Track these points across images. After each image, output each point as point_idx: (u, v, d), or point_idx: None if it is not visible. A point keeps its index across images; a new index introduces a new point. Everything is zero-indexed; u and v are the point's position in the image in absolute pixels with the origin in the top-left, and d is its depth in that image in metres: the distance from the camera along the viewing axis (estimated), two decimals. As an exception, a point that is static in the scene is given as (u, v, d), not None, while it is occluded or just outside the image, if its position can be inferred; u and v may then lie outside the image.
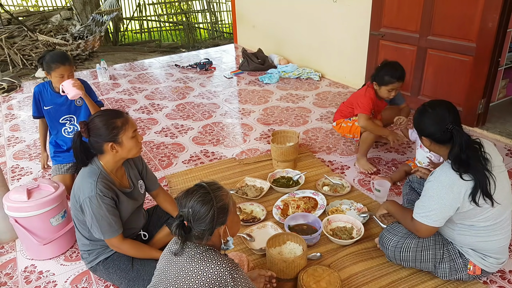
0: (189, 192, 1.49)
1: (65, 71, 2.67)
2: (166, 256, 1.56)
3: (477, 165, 1.78)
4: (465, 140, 1.79)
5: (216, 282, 1.42)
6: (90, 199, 1.82)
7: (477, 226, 1.88)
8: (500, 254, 1.96)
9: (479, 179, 1.76)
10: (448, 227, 1.97)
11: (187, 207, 1.46)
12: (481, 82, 3.45)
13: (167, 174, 3.17)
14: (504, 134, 3.53)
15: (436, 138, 1.89)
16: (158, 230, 2.23)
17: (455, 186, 1.79)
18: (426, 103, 1.97)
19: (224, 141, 3.69)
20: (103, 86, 5.38)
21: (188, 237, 1.48)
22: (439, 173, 1.85)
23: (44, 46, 6.98)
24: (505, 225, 1.91)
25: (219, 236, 1.53)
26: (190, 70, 5.88)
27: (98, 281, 2.20)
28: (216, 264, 1.43)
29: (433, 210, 1.84)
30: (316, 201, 2.69)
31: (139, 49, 8.42)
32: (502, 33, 3.30)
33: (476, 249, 1.95)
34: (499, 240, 1.91)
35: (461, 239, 1.96)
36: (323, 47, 5.12)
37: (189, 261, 1.46)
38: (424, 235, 1.95)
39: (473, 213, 1.83)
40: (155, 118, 4.28)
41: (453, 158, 1.80)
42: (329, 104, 4.39)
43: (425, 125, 1.92)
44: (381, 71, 2.89)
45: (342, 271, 2.13)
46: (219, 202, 1.48)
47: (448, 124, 1.83)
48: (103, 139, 1.85)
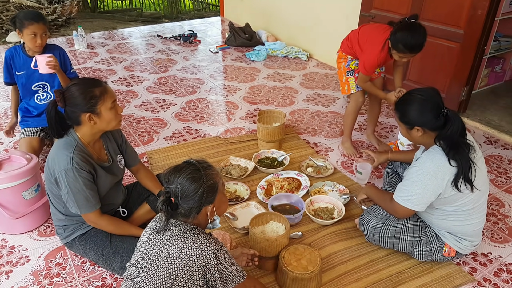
0: (178, 168, 1.45)
1: (38, 29, 2.55)
2: (147, 233, 1.52)
3: (464, 151, 1.80)
4: (461, 124, 1.79)
5: (199, 261, 1.40)
6: (66, 171, 1.75)
7: (456, 211, 1.92)
8: (475, 237, 2.03)
9: (463, 166, 1.79)
10: (427, 212, 2.01)
11: (175, 183, 1.42)
12: (466, 70, 3.47)
13: (147, 150, 3.09)
14: (483, 122, 3.59)
15: (431, 126, 1.84)
16: (138, 207, 2.19)
17: (440, 172, 1.81)
18: (413, 92, 1.91)
19: (209, 119, 3.61)
20: (80, 54, 5.16)
21: (174, 214, 1.45)
22: (425, 159, 1.86)
23: (16, 9, 6.61)
24: (481, 209, 1.97)
25: (205, 215, 1.51)
26: (173, 42, 5.70)
27: (74, 257, 2.14)
28: (200, 243, 1.41)
29: (415, 195, 1.87)
30: (299, 182, 2.69)
31: (119, 17, 8.11)
32: (490, 21, 3.30)
33: (453, 232, 2.00)
34: (475, 223, 1.97)
35: (439, 223, 2.01)
36: (313, 26, 5.04)
37: (172, 239, 1.42)
38: (401, 216, 2.00)
39: (454, 198, 1.87)
40: (135, 91, 4.15)
41: (445, 141, 1.80)
42: (316, 85, 4.35)
43: (419, 114, 1.84)
44: (398, 32, 2.47)
45: (322, 249, 2.16)
46: (209, 180, 1.45)
47: (443, 109, 1.81)
48: (80, 109, 1.76)
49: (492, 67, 4.27)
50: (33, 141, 2.71)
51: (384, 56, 2.63)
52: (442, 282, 2.00)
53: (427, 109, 1.83)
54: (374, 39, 2.66)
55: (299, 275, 1.84)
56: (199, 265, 1.40)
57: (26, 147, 2.67)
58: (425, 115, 1.83)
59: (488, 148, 3.24)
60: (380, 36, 2.62)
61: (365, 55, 2.69)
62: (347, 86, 2.94)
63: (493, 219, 2.46)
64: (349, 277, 2.02)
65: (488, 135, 3.43)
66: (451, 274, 2.05)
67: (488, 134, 3.45)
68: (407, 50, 2.46)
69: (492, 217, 2.47)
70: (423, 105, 1.84)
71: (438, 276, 2.04)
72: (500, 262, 2.16)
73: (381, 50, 2.60)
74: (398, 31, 2.46)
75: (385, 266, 2.09)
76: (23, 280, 2.01)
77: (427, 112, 1.83)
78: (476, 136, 3.41)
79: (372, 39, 2.68)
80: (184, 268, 1.40)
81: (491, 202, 2.60)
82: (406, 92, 1.96)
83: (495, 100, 4.03)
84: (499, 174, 2.90)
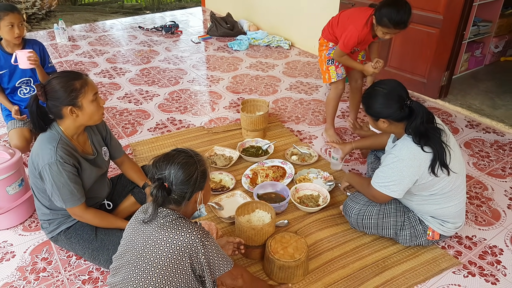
0: (170, 155, 1.47)
1: (14, 19, 2.52)
2: (132, 225, 1.52)
3: (435, 136, 1.84)
4: (425, 112, 1.83)
5: (186, 249, 1.40)
6: (50, 165, 1.73)
7: (435, 196, 1.95)
8: (457, 219, 2.06)
9: (438, 150, 1.82)
10: (407, 199, 2.05)
11: (168, 170, 1.43)
12: (446, 55, 3.52)
13: (131, 142, 3.07)
14: (464, 106, 3.65)
15: (396, 117, 1.87)
16: (123, 199, 2.18)
17: (416, 159, 1.84)
18: (375, 85, 1.94)
19: (192, 109, 3.59)
20: (61, 47, 5.06)
21: (167, 200, 1.45)
22: (400, 148, 1.89)
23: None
24: (460, 190, 1.99)
25: (194, 203, 1.53)
26: (155, 33, 5.63)
27: (60, 251, 2.13)
28: (187, 231, 1.41)
29: (392, 181, 1.90)
30: (284, 170, 2.70)
31: (100, 9, 7.95)
32: (468, 6, 3.34)
33: (435, 216, 2.04)
34: (456, 205, 2.00)
35: (420, 208, 2.04)
36: (293, 14, 5.02)
37: (158, 229, 1.42)
38: (380, 201, 2.03)
39: (431, 183, 1.90)
40: (118, 82, 4.10)
41: (413, 132, 1.83)
42: (298, 73, 4.35)
43: (383, 106, 1.87)
44: (383, 7, 2.46)
45: (308, 237, 2.18)
46: (201, 166, 1.48)
47: (406, 100, 1.85)
48: (61, 102, 1.74)
49: (472, 51, 4.33)
50: (25, 131, 2.67)
51: (366, 32, 2.62)
52: (428, 266, 2.04)
53: (391, 101, 1.86)
54: (356, 17, 2.66)
55: (286, 263, 1.86)
56: (186, 254, 1.41)
57: (18, 138, 2.62)
58: (389, 107, 1.86)
59: (470, 132, 3.30)
60: (362, 13, 2.64)
61: (347, 31, 2.67)
62: (328, 75, 2.93)
63: (477, 202, 2.50)
64: (335, 263, 2.05)
65: (470, 119, 3.49)
66: (437, 258, 2.09)
67: (470, 118, 3.51)
68: (392, 25, 2.45)
69: (475, 200, 2.52)
70: (387, 98, 1.87)
71: (424, 261, 2.07)
72: (484, 244, 2.20)
73: (364, 25, 2.59)
74: (383, 6, 2.47)
75: (371, 252, 2.12)
76: (9, 276, 1.99)
77: (391, 104, 1.86)
78: (458, 120, 3.47)
79: (355, 17, 2.67)
80: (171, 257, 1.40)
81: (474, 186, 2.66)
82: (370, 86, 1.98)
83: (475, 84, 4.09)
84: (481, 157, 2.96)
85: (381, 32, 2.55)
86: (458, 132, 3.29)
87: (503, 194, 2.58)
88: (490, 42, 4.41)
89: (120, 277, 1.49)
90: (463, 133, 3.27)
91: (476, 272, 2.04)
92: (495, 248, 2.18)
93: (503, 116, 3.49)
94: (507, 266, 2.07)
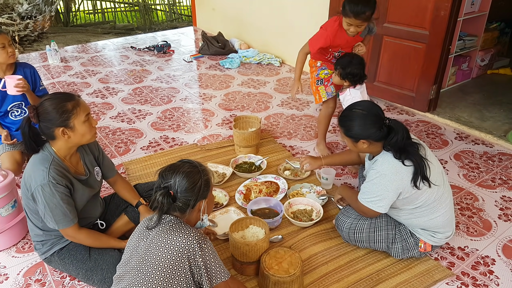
0: (175, 166, 1.57)
1: (4, 39, 2.55)
2: (137, 232, 1.59)
3: (414, 150, 1.88)
4: (404, 129, 1.88)
5: (184, 251, 1.46)
6: (42, 187, 1.73)
7: (420, 208, 1.98)
8: (447, 228, 2.08)
9: (418, 163, 1.85)
10: (394, 214, 2.08)
11: (174, 178, 1.52)
12: (433, 69, 3.59)
13: (124, 161, 3.07)
14: (453, 119, 3.72)
15: (376, 137, 1.91)
16: (116, 218, 2.17)
17: (398, 173, 1.87)
18: (353, 107, 1.97)
19: (185, 127, 3.62)
20: (54, 69, 5.09)
21: (172, 207, 1.53)
22: (381, 163, 1.92)
23: (-14, 27, 6.47)
24: (443, 199, 2.00)
25: (198, 212, 1.61)
26: (147, 53, 5.69)
27: (54, 272, 2.11)
28: (185, 234, 1.48)
29: (377, 197, 1.93)
30: (277, 185, 2.72)
31: (92, 30, 8.02)
32: (453, 21, 3.43)
33: (425, 228, 2.06)
34: (443, 214, 2.02)
35: (408, 222, 2.07)
36: (284, 32, 5.11)
37: (160, 233, 1.50)
38: (369, 216, 2.06)
39: (414, 196, 1.93)
40: (110, 102, 4.12)
41: (393, 148, 1.88)
42: (289, 90, 4.40)
43: (362, 128, 1.91)
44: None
45: (302, 252, 2.19)
46: (205, 175, 1.58)
47: (385, 120, 1.90)
48: (53, 124, 1.75)
49: (459, 65, 4.43)
50: (15, 155, 2.67)
51: (335, 30, 2.65)
52: (422, 278, 2.05)
53: (370, 122, 1.90)
54: (328, 22, 2.79)
55: (281, 278, 1.86)
56: (185, 256, 1.46)
57: (9, 161, 2.62)
58: (368, 128, 1.90)
59: (459, 144, 3.35)
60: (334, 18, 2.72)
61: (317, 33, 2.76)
62: (318, 95, 2.96)
63: (468, 213, 2.53)
64: (330, 277, 2.05)
65: (459, 132, 3.55)
66: (430, 270, 2.10)
67: (459, 131, 3.56)
68: (352, 14, 2.49)
69: (466, 211, 2.55)
70: (365, 119, 1.91)
71: (417, 272, 2.08)
72: (476, 255, 2.22)
73: (333, 24, 2.67)
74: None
75: (365, 265, 2.12)
76: (1, 300, 1.97)
77: (370, 126, 1.90)
78: (447, 132, 3.53)
79: (326, 23, 2.79)
80: (171, 260, 1.45)
81: (465, 197, 2.69)
82: (346, 108, 2.01)
83: (463, 97, 4.17)
84: (471, 168, 3.00)
85: (346, 24, 2.58)
86: (448, 144, 3.34)
87: (493, 205, 2.61)
88: (476, 55, 4.52)
89: (124, 283, 1.52)
90: (453, 145, 3.32)
91: (469, 283, 2.05)
92: (487, 258, 2.20)
93: (491, 127, 3.56)
94: (499, 276, 2.09)
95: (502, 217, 2.50)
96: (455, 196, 2.69)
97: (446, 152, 3.22)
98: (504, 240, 2.32)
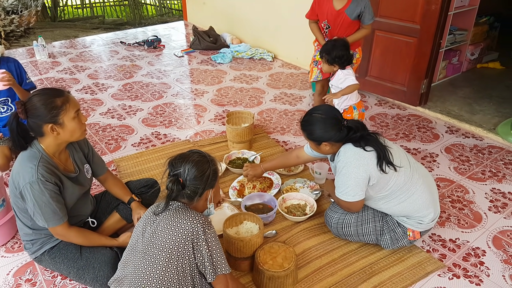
0: (185, 155, 1.62)
1: None
2: (144, 217, 1.63)
3: (372, 138, 1.95)
4: (362, 126, 1.96)
5: (189, 234, 1.50)
6: (31, 184, 1.70)
7: (394, 192, 2.00)
8: (430, 209, 2.07)
9: (380, 148, 1.92)
10: (374, 205, 2.10)
11: (183, 167, 1.57)
12: (424, 63, 3.61)
13: (115, 158, 3.04)
14: (444, 112, 3.74)
15: (336, 138, 1.98)
16: (107, 216, 2.15)
17: (362, 159, 1.92)
18: (313, 112, 2.04)
19: (177, 123, 3.59)
20: (41, 64, 5.01)
21: (180, 194, 1.58)
22: (344, 153, 1.97)
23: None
24: (414, 181, 2.02)
25: (205, 200, 1.66)
26: (137, 48, 5.63)
27: (44, 272, 2.08)
28: (189, 218, 1.53)
29: (349, 187, 1.96)
30: (271, 181, 2.71)
31: (81, 25, 7.91)
32: (444, 15, 3.45)
33: (409, 215, 2.07)
34: (420, 196, 2.02)
35: (390, 211, 2.09)
36: (276, 27, 5.09)
37: (166, 218, 1.54)
38: (354, 210, 2.09)
39: (384, 181, 1.96)
40: (100, 98, 4.07)
41: (352, 141, 1.96)
42: (282, 85, 4.40)
43: (323, 131, 1.98)
44: None
45: (297, 246, 2.19)
46: (213, 165, 1.64)
47: (343, 121, 1.97)
48: (42, 120, 1.72)
49: (449, 59, 4.45)
50: (4, 150, 2.65)
51: None
52: (414, 270, 2.07)
53: (329, 125, 1.97)
54: None
55: (276, 273, 1.86)
56: (189, 239, 1.50)
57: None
58: (329, 131, 1.97)
59: (450, 137, 3.37)
60: None
61: None
62: (310, 74, 3.27)
63: (459, 206, 2.56)
64: (324, 271, 2.06)
65: (450, 125, 3.57)
66: (422, 262, 2.12)
67: (449, 124, 3.59)
68: None
69: (457, 204, 2.57)
70: (325, 122, 1.98)
71: (410, 265, 2.10)
72: (468, 247, 2.24)
73: None
74: None
75: (358, 259, 2.14)
76: (-9, 300, 1.94)
77: (330, 128, 1.97)
78: (438, 126, 3.55)
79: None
80: (175, 242, 1.49)
81: (455, 189, 2.71)
82: (306, 113, 2.08)
83: (454, 91, 4.20)
84: (462, 161, 3.03)
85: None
86: (438, 138, 3.36)
87: (483, 197, 2.64)
88: (466, 49, 4.55)
89: (130, 268, 1.57)
90: (444, 139, 3.34)
91: (461, 274, 2.07)
92: (478, 250, 2.22)
93: (481, 121, 3.59)
94: (490, 267, 2.12)
95: (492, 209, 2.53)
96: (446, 188, 2.72)
97: (437, 145, 3.24)
98: (494, 232, 2.35)
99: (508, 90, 4.18)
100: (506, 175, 2.86)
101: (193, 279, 1.55)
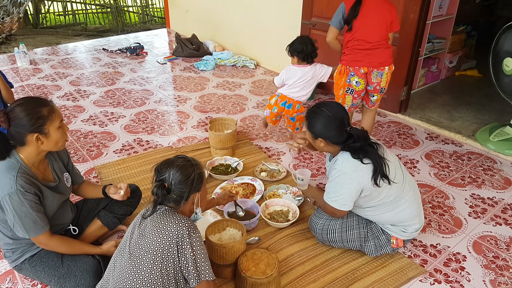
0: (169, 160, 1.66)
1: None
2: (134, 221, 1.66)
3: (372, 150, 1.93)
4: (363, 136, 1.94)
5: (174, 236, 1.53)
6: (10, 196, 1.67)
7: (383, 204, 2.02)
8: (415, 220, 2.10)
9: (377, 161, 1.91)
10: (361, 213, 2.12)
11: (168, 172, 1.61)
12: (403, 71, 3.68)
13: (96, 165, 3.00)
14: (423, 119, 3.82)
15: (334, 140, 1.97)
16: (89, 223, 2.12)
17: (358, 171, 1.92)
18: (322, 106, 2.01)
19: (160, 129, 3.57)
20: (23, 71, 4.93)
21: (166, 198, 1.61)
22: (341, 162, 1.96)
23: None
24: (404, 194, 2.04)
25: (192, 204, 1.70)
26: (120, 55, 5.59)
27: (24, 280, 2.04)
28: (175, 221, 1.56)
29: (340, 195, 1.97)
30: (254, 187, 2.72)
31: (63, 32, 7.83)
32: (422, 24, 3.53)
33: (394, 223, 2.09)
34: (407, 207, 2.05)
35: (376, 219, 2.11)
36: (258, 35, 5.13)
37: (153, 221, 1.58)
38: (337, 216, 2.10)
39: (375, 194, 1.97)
40: (82, 105, 4.02)
41: (351, 150, 1.94)
42: (264, 92, 4.43)
43: (324, 128, 1.97)
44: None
45: (279, 252, 2.19)
46: (198, 169, 1.67)
47: (346, 126, 1.95)
48: (26, 129, 1.70)
49: (428, 67, 4.56)
50: None
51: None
52: (396, 276, 2.09)
53: (332, 125, 1.96)
54: None
55: (258, 279, 1.85)
56: (174, 241, 1.53)
57: None
58: (329, 130, 1.96)
59: (430, 143, 3.44)
60: None
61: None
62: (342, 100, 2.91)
63: (439, 211, 2.59)
64: (307, 277, 2.06)
65: (429, 132, 3.64)
66: (404, 268, 2.14)
67: (429, 131, 3.66)
68: None
69: (438, 209, 2.61)
70: (329, 121, 1.96)
71: (391, 270, 2.12)
72: (448, 252, 2.27)
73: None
74: None
75: (340, 264, 2.15)
76: (-34, 312, 1.88)
77: (331, 128, 1.96)
78: (418, 133, 3.62)
79: None
80: (160, 244, 1.52)
81: (436, 195, 2.76)
82: (316, 104, 2.06)
83: (433, 98, 4.29)
84: (442, 168, 3.08)
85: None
86: (419, 144, 3.43)
87: (463, 203, 2.69)
88: (445, 57, 4.67)
89: (117, 270, 1.59)
90: (424, 145, 3.41)
91: (442, 280, 2.10)
92: (458, 255, 2.26)
93: (460, 127, 3.67)
94: (470, 272, 2.15)
95: (472, 214, 2.58)
96: (426, 194, 2.76)
97: (417, 152, 3.30)
98: (474, 237, 2.39)
99: (486, 97, 4.29)
100: (485, 181, 2.92)
101: (177, 282, 1.56)
